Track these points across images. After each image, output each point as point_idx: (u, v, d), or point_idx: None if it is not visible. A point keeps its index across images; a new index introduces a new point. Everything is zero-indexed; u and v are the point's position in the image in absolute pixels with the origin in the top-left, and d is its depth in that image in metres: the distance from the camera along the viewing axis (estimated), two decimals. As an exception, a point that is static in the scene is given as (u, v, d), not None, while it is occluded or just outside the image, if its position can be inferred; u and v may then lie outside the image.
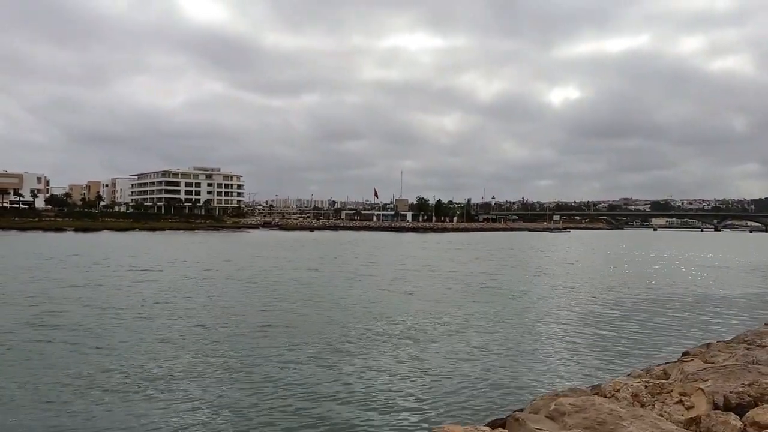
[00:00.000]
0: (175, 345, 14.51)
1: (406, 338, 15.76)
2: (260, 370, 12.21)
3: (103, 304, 20.75)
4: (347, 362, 13.05)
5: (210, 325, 17.16)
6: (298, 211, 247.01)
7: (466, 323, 18.17)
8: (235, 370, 12.19)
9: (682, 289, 29.24)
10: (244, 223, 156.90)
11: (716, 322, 19.15)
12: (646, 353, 14.12)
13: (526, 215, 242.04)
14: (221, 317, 18.53)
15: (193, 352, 13.75)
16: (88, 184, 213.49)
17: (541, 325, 18.25)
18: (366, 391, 11.03)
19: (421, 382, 11.55)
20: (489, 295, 25.55)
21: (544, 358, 13.85)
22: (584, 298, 25.03)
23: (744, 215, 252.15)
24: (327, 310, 20.44)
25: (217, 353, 13.68)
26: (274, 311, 20.01)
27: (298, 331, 16.34)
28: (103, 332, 15.86)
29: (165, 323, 17.35)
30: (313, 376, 11.85)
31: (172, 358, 13.16)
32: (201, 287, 26.38)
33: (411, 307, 21.18)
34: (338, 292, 25.54)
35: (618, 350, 14.69)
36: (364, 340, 15.43)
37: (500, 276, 34.61)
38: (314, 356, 13.50)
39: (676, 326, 18.32)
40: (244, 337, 15.60)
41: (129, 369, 12.17)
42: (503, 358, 13.71)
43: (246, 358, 13.19)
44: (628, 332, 17.18)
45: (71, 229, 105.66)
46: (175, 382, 11.33)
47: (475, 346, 14.84)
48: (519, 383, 11.57)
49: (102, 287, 25.61)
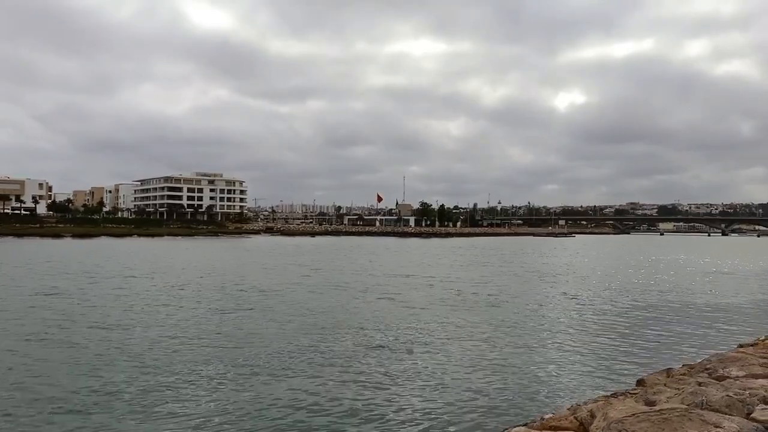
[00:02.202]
0: (101, 361, 13.36)
1: (390, 350, 14.58)
2: (238, 385, 11.06)
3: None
4: (335, 374, 11.93)
5: (155, 337, 16.01)
6: (303, 217, 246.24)
7: (442, 336, 16.92)
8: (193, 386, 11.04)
9: (679, 296, 27.82)
10: (245, 229, 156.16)
11: (711, 334, 17.78)
12: (625, 370, 12.82)
13: (531, 220, 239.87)
14: (161, 328, 17.38)
15: (132, 370, 12.60)
16: (91, 190, 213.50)
17: (512, 336, 16.97)
18: (360, 405, 10.41)
19: (416, 394, 10.56)
20: (472, 303, 24.27)
21: (500, 379, 12.58)
22: (574, 307, 23.69)
23: (752, 219, 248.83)
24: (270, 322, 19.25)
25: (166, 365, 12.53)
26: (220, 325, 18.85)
27: (251, 342, 15.18)
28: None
29: (82, 336, 16.22)
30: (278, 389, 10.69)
31: (88, 375, 12.01)
32: (153, 295, 25.24)
33: (395, 315, 19.94)
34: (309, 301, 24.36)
35: (595, 367, 13.40)
36: (344, 350, 14.25)
37: (487, 283, 33.29)
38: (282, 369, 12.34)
39: (666, 339, 16.93)
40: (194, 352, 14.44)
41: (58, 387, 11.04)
42: (476, 373, 12.48)
43: (214, 371, 12.03)
44: (614, 345, 15.88)
45: (69, 235, 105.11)
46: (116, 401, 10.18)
47: (447, 365, 13.60)
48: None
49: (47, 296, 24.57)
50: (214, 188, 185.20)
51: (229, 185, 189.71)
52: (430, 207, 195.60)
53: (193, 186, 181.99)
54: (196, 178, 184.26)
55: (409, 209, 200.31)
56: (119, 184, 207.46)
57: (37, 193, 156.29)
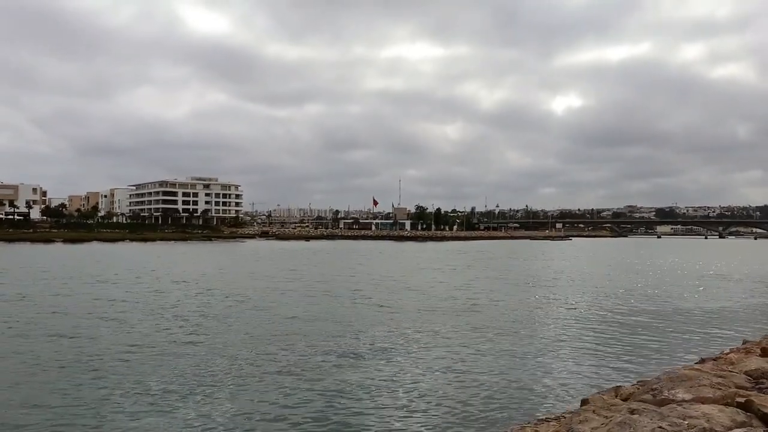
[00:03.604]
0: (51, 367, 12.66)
1: (361, 357, 13.92)
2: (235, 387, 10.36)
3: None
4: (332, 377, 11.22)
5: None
6: (299, 221, 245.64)
7: (416, 342, 16.22)
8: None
9: (665, 300, 27.14)
10: (240, 233, 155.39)
11: (693, 340, 17.09)
12: (596, 378, 12.14)
13: (528, 223, 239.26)
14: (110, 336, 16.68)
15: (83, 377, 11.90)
16: (87, 195, 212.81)
17: (483, 342, 16.27)
18: (330, 415, 10.08)
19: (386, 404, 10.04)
20: (452, 308, 23.57)
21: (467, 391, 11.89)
22: (555, 313, 23.02)
23: (749, 222, 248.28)
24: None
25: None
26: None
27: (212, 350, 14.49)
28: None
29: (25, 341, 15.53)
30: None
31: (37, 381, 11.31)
32: (112, 301, 24.53)
33: (370, 322, 19.26)
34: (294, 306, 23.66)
35: (566, 375, 12.72)
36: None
37: (470, 288, 32.60)
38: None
39: (645, 346, 16.24)
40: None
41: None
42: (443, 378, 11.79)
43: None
44: (590, 352, 15.23)
45: (60, 241, 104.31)
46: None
47: (419, 372, 12.92)
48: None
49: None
50: (210, 192, 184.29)
51: (224, 189, 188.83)
52: (426, 210, 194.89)
53: (188, 190, 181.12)
54: (191, 183, 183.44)
55: (405, 213, 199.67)
56: (115, 189, 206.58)
57: (31, 198, 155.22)
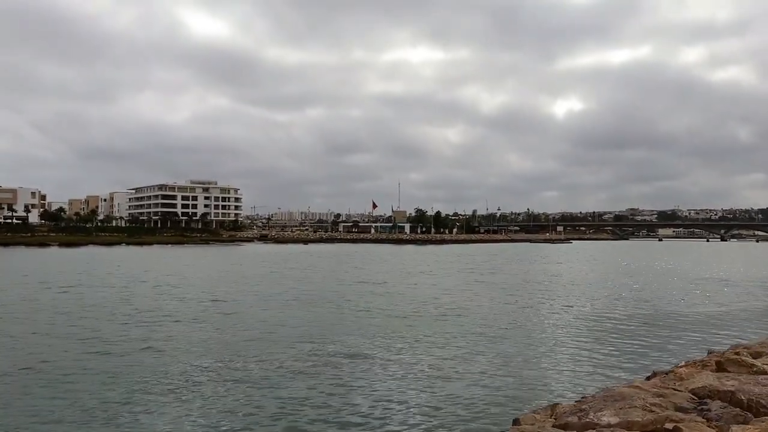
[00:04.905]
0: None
1: (347, 364, 13.32)
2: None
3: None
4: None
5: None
6: (300, 224, 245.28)
7: (397, 347, 15.59)
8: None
9: (653, 306, 26.43)
10: (239, 237, 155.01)
11: (669, 348, 16.39)
12: (564, 384, 11.50)
13: (529, 226, 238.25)
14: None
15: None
16: (86, 199, 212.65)
17: (456, 347, 15.63)
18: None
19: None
20: (436, 313, 22.93)
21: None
22: (537, 317, 22.36)
23: (751, 225, 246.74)
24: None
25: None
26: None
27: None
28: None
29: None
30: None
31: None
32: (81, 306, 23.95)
33: (357, 326, 18.62)
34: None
35: (533, 382, 12.08)
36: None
37: (456, 292, 31.95)
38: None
39: (621, 353, 15.60)
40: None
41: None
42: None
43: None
44: (564, 359, 14.58)
45: (56, 244, 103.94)
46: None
47: (401, 377, 12.30)
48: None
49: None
50: (209, 196, 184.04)
51: (223, 193, 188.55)
52: (425, 213, 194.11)
53: (187, 194, 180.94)
54: (190, 186, 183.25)
55: (404, 216, 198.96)
56: (114, 193, 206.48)
57: (30, 201, 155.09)
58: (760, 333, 17.66)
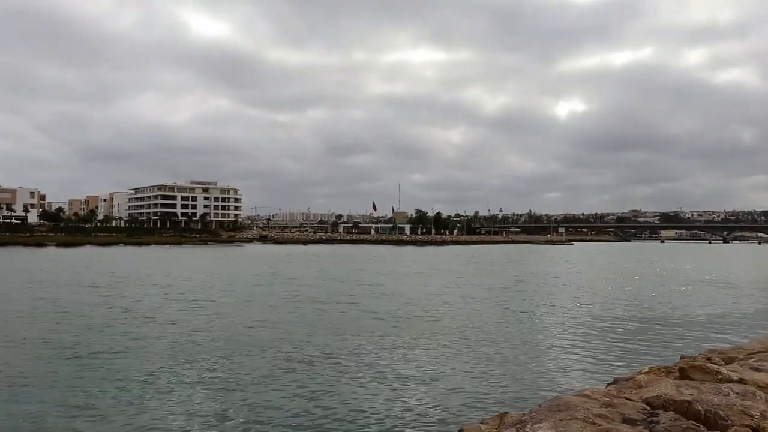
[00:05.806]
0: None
1: (326, 366, 12.77)
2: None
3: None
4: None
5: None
6: (300, 225, 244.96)
7: (383, 349, 15.07)
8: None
9: (646, 308, 25.87)
10: (239, 237, 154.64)
11: (653, 351, 15.84)
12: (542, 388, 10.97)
13: (530, 227, 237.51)
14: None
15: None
16: (86, 199, 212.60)
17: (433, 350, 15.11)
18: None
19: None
20: (425, 315, 22.41)
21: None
22: (522, 320, 21.82)
23: (754, 227, 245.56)
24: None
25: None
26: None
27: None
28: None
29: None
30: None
31: None
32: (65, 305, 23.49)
33: (347, 328, 18.13)
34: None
35: (512, 385, 11.55)
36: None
37: (444, 294, 31.43)
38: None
39: (607, 356, 15.06)
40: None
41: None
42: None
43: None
44: (543, 361, 14.05)
45: (53, 244, 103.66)
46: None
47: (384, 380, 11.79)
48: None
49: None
50: (209, 197, 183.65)
51: (223, 193, 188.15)
52: (425, 215, 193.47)
53: (187, 194, 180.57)
54: (189, 186, 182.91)
55: (405, 217, 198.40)
56: (114, 193, 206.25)
57: (29, 201, 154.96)
58: (750, 337, 17.10)
